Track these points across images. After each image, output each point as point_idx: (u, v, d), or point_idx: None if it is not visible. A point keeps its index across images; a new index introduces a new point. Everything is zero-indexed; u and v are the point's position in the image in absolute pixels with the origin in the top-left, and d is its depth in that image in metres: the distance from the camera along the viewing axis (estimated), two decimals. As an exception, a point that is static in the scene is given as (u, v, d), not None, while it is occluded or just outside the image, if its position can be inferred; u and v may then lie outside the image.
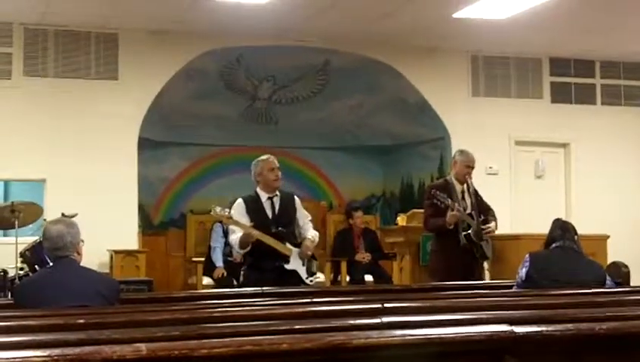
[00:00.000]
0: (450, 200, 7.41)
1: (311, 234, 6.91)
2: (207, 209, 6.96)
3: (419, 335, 2.90)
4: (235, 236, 6.62)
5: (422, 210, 8.15)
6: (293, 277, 6.66)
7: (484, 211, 7.82)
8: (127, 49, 10.49)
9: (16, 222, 8.47)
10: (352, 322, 3.28)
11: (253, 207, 6.73)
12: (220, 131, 11.82)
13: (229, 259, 9.92)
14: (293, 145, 12.40)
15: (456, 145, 10.93)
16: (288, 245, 6.71)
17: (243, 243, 6.55)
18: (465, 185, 7.78)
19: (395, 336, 2.87)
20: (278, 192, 6.83)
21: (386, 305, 3.92)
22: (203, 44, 10.67)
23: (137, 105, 10.52)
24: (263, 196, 6.78)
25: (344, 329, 3.10)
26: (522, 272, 5.59)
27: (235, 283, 9.89)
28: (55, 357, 2.50)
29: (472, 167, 7.82)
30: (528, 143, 11.97)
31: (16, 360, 2.48)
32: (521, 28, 10.27)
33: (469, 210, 7.67)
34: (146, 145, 10.72)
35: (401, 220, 9.39)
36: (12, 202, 8.73)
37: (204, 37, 10.57)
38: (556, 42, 11.26)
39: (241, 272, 7.03)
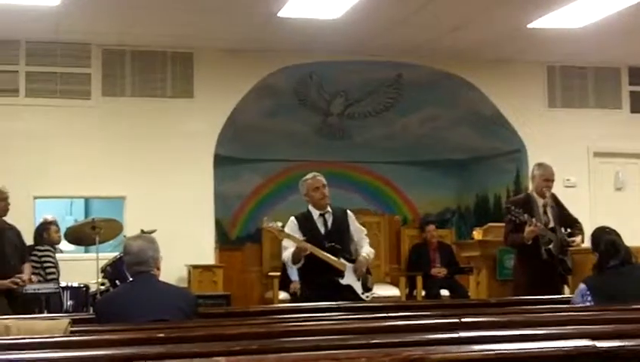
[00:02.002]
0: (526, 215, 7.29)
1: (366, 251, 6.87)
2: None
3: (498, 350, 2.87)
4: (288, 252, 6.65)
5: (498, 224, 8.06)
6: (349, 293, 6.62)
7: (570, 225, 7.68)
8: (202, 67, 10.64)
9: (97, 239, 8.62)
10: (429, 336, 3.26)
11: (306, 224, 6.75)
12: (293, 147, 11.88)
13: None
14: (367, 160, 12.40)
15: (532, 157, 10.80)
16: (342, 260, 6.70)
17: (295, 257, 6.57)
18: (547, 199, 7.65)
19: (474, 351, 2.84)
20: (330, 208, 6.83)
21: (463, 319, 3.88)
22: (276, 61, 10.75)
23: (212, 123, 10.65)
24: (315, 213, 6.80)
25: (421, 343, 3.09)
26: (587, 305, 5.33)
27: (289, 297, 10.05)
28: (136, 371, 2.55)
29: (552, 180, 7.69)
30: (607, 155, 11.73)
31: (99, 374, 2.53)
32: (597, 37, 10.11)
33: (551, 224, 7.54)
34: (221, 161, 10.82)
35: (477, 234, 9.30)
36: (93, 219, 8.89)
37: (277, 54, 10.65)
38: (635, 50, 11.04)
39: (298, 288, 7.05)
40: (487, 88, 11.45)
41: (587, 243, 7.65)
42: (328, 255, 6.60)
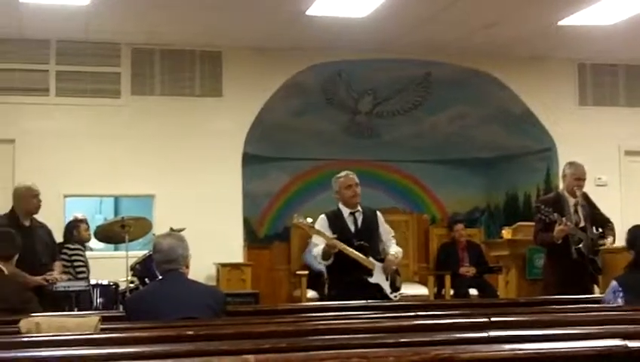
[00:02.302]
0: (556, 214, 7.24)
1: (394, 250, 6.88)
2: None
3: (528, 350, 2.85)
4: (318, 248, 6.66)
5: (527, 223, 8.02)
6: (377, 292, 6.62)
7: (601, 224, 7.62)
8: (230, 66, 10.66)
9: (127, 237, 8.66)
10: (458, 336, 3.25)
11: (336, 221, 6.76)
12: (321, 146, 11.88)
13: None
14: (395, 159, 12.38)
15: (563, 156, 10.74)
16: (371, 259, 6.69)
17: (326, 254, 6.58)
18: (578, 198, 7.60)
19: (504, 350, 2.82)
20: (360, 208, 6.85)
21: (492, 318, 3.87)
22: (304, 59, 10.76)
23: (241, 121, 10.68)
24: (345, 211, 6.81)
25: (450, 342, 3.07)
26: (618, 301, 5.30)
27: (318, 296, 10.05)
28: (167, 369, 2.56)
29: (583, 179, 7.63)
30: (638, 153, 11.64)
31: (129, 370, 2.54)
32: (628, 34, 10.03)
33: (582, 224, 7.49)
34: (249, 160, 10.84)
35: (507, 233, 9.26)
36: (122, 217, 8.90)
37: (305, 53, 10.66)
38: (666, 48, 10.96)
39: (326, 286, 7.05)
40: (517, 86, 11.39)
41: (619, 242, 7.67)
42: (358, 253, 6.60)
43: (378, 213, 7.01)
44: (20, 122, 10.07)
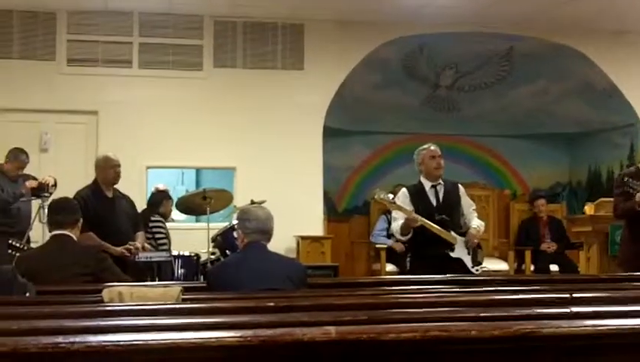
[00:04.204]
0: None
1: (476, 223, 6.82)
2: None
3: (611, 326, 2.82)
4: (397, 223, 6.63)
5: (610, 199, 7.86)
6: (459, 266, 6.58)
7: None
8: (312, 39, 10.67)
9: (208, 209, 8.75)
10: (539, 311, 3.22)
11: (417, 195, 6.72)
12: (402, 120, 11.83)
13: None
14: (476, 133, 12.28)
15: (647, 131, 10.55)
16: (453, 233, 6.65)
17: (405, 228, 6.55)
18: None
19: (586, 326, 2.80)
20: (442, 181, 6.79)
21: (574, 294, 3.83)
22: (385, 33, 10.70)
23: (322, 95, 10.69)
24: (427, 185, 6.76)
25: (532, 318, 3.05)
26: None
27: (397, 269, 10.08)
28: (248, 339, 2.58)
29: None
30: None
31: (211, 340, 2.57)
32: None
33: (663, 198, 7.34)
34: (330, 133, 10.86)
35: (589, 209, 9.12)
36: (204, 189, 8.99)
37: (387, 26, 10.60)
38: None
39: (407, 260, 7.02)
40: (600, 60, 11.17)
41: None
42: (439, 227, 6.58)
43: (460, 185, 6.97)
44: (103, 94, 10.22)
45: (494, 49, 11.29)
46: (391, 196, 6.67)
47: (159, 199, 9.20)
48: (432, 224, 6.54)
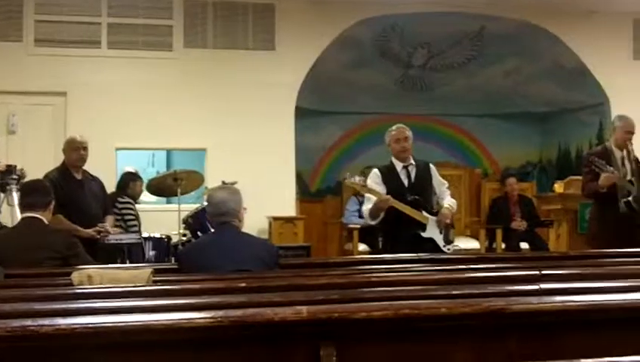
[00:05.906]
0: (608, 166, 7.19)
1: (448, 202, 6.86)
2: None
3: (580, 302, 2.84)
4: (366, 207, 6.64)
5: (579, 178, 7.93)
6: (431, 245, 6.61)
7: None
8: (283, 19, 10.62)
9: (179, 190, 8.71)
10: (509, 288, 3.24)
11: (389, 176, 6.73)
12: (374, 100, 11.84)
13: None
14: (448, 113, 12.32)
15: (616, 110, 10.53)
16: (424, 213, 6.67)
17: (375, 211, 6.54)
18: (625, 152, 7.53)
19: (556, 302, 2.82)
20: (413, 161, 6.81)
21: (543, 271, 3.85)
22: (358, 12, 10.68)
23: (294, 75, 10.65)
24: (398, 165, 6.78)
25: (502, 294, 3.07)
26: None
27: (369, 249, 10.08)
28: (219, 319, 2.57)
29: (632, 133, 7.56)
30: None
31: (182, 321, 2.56)
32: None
33: (629, 177, 7.43)
34: (302, 113, 10.84)
35: (559, 187, 9.21)
36: (175, 170, 8.92)
37: (359, 5, 10.58)
38: None
39: (380, 240, 7.03)
40: (571, 40, 11.23)
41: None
42: (411, 208, 6.58)
43: (431, 165, 6.99)
44: (71, 75, 10.11)
45: (466, 29, 11.30)
46: (362, 179, 6.65)
47: (127, 181, 9.15)
48: (403, 205, 6.54)
